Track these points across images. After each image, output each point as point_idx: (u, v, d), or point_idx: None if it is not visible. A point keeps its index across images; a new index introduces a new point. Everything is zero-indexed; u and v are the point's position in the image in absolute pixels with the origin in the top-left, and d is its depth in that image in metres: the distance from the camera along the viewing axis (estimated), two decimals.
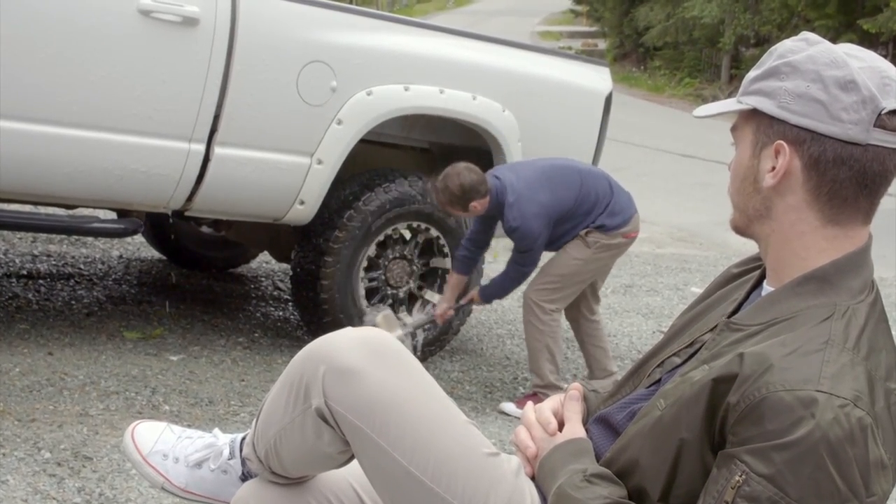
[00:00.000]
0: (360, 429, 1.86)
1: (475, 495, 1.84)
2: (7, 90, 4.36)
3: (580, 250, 5.19)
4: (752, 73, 1.79)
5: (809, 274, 1.74)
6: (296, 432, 1.96)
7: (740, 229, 1.85)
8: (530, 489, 1.89)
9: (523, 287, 5.37)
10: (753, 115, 1.76)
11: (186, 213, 5.09)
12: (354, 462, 2.00)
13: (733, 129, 1.82)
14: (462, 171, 4.93)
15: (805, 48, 1.73)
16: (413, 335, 5.45)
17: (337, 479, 2.11)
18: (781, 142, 1.70)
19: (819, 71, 1.68)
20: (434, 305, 5.53)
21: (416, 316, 5.50)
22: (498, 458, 1.91)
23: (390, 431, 1.85)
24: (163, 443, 2.19)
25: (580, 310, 5.53)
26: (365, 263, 5.41)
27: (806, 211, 1.73)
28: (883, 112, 1.65)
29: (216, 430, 2.23)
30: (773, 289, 1.80)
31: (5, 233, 6.86)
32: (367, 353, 1.91)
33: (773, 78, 1.72)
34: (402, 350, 1.96)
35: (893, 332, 1.75)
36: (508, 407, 5.15)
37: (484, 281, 5.65)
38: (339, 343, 1.94)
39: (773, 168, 1.72)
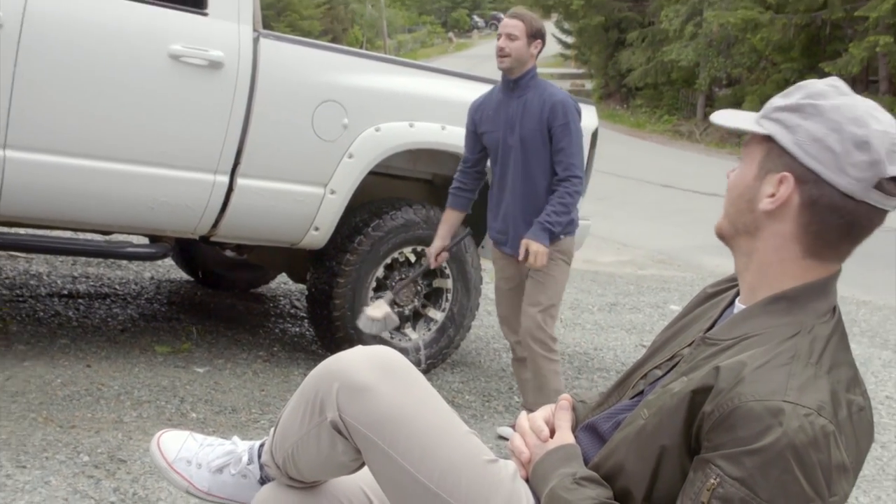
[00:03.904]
0: (372, 440, 1.86)
1: (477, 499, 1.84)
2: (51, 127, 4.38)
3: (564, 268, 4.77)
4: (777, 102, 1.76)
5: (780, 294, 1.74)
6: (312, 443, 1.96)
7: (725, 237, 1.83)
8: (526, 492, 1.89)
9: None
10: (768, 139, 1.74)
11: (212, 239, 5.09)
12: (365, 468, 2.00)
13: (745, 146, 1.80)
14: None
15: (834, 95, 1.71)
16: (393, 304, 5.24)
17: (349, 484, 2.10)
18: (788, 174, 1.69)
19: (841, 123, 1.66)
20: (423, 264, 5.27)
21: (397, 286, 5.36)
22: (496, 464, 1.91)
23: (399, 443, 1.85)
24: (186, 450, 2.19)
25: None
26: (374, 284, 5.41)
27: (791, 241, 1.72)
28: (884, 177, 1.64)
29: (235, 438, 2.23)
30: (745, 306, 1.80)
31: (48, 256, 6.87)
32: (377, 370, 1.91)
33: (798, 114, 1.70)
34: (408, 366, 1.96)
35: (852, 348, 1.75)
36: (505, 431, 4.89)
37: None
38: (351, 361, 1.94)
39: (773, 195, 1.71)
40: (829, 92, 1.71)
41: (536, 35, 4.65)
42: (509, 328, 5.00)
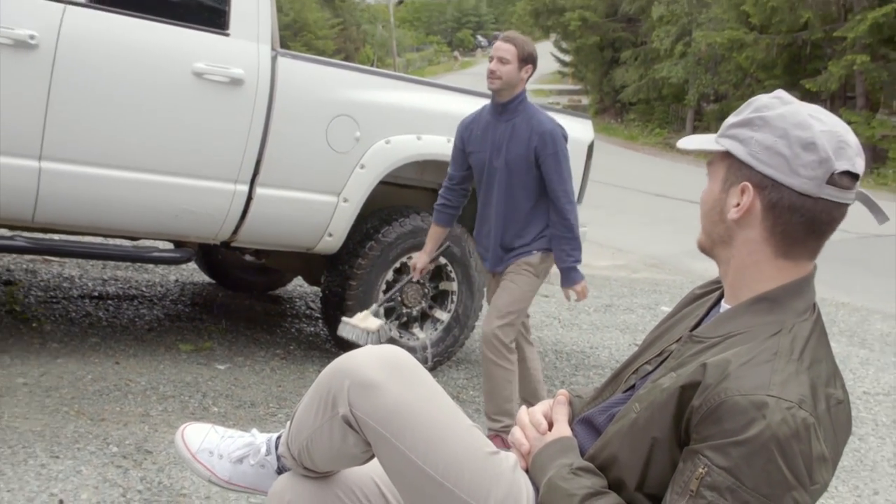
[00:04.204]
0: (381, 434, 1.86)
1: (479, 488, 1.83)
2: (83, 140, 4.39)
3: (530, 280, 4.55)
4: (731, 119, 1.79)
5: (762, 295, 1.74)
6: (325, 436, 1.96)
7: (705, 249, 1.85)
8: (525, 482, 1.89)
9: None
10: (727, 155, 1.76)
11: (232, 244, 5.09)
12: (375, 459, 2.00)
13: (709, 164, 1.83)
14: (534, 44, 4.63)
15: (778, 106, 1.73)
16: (378, 314, 5.09)
17: (360, 474, 2.10)
18: (747, 183, 1.71)
19: (787, 129, 1.68)
20: (405, 277, 5.17)
21: (381, 298, 5.27)
22: (497, 456, 1.90)
23: (407, 436, 1.84)
24: (208, 442, 2.19)
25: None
26: (384, 286, 5.41)
27: (762, 244, 1.73)
28: (835, 172, 1.66)
29: (254, 430, 2.23)
30: (730, 307, 1.80)
31: (80, 260, 6.87)
32: (386, 368, 1.91)
33: (748, 128, 1.73)
34: (415, 365, 1.96)
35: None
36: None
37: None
38: (361, 360, 1.94)
39: (738, 204, 1.73)
40: (773, 103, 1.74)
41: (527, 60, 4.46)
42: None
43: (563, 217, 4.46)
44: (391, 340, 5.18)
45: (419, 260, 4.89)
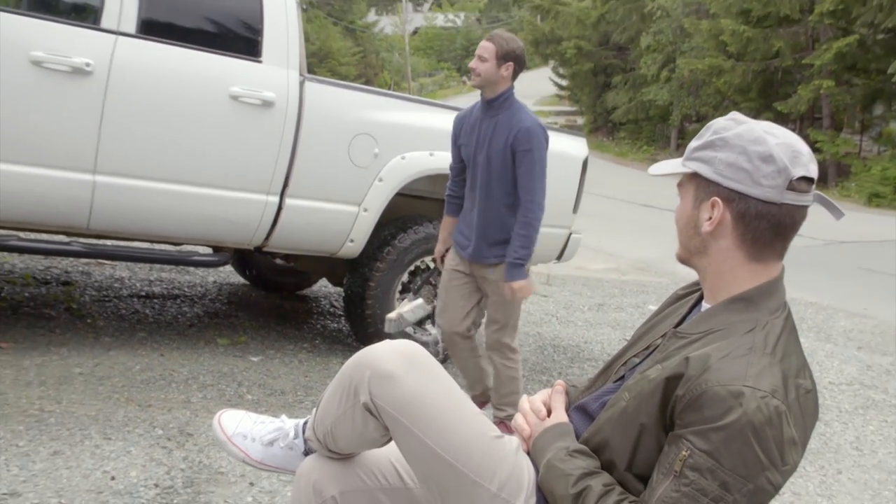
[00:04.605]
0: (398, 419, 1.86)
1: (486, 468, 1.84)
2: (132, 156, 4.40)
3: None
4: (693, 144, 1.80)
5: (738, 296, 1.75)
6: (347, 421, 1.96)
7: (683, 260, 1.86)
8: (527, 463, 1.89)
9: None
10: (695, 176, 1.77)
11: (264, 249, 5.10)
12: (392, 442, 2.01)
13: (679, 185, 1.84)
14: (521, 42, 4.23)
15: (734, 126, 1.74)
16: (414, 310, 4.86)
17: (378, 456, 2.10)
18: (717, 198, 1.72)
19: (745, 146, 1.69)
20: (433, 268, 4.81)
21: (413, 298, 5.11)
22: (502, 439, 1.90)
23: (421, 422, 1.84)
24: (242, 427, 2.19)
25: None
26: (400, 287, 5.40)
27: (734, 251, 1.74)
28: (793, 179, 1.67)
29: (283, 416, 2.23)
30: (709, 306, 1.81)
31: (129, 263, 6.89)
32: (403, 360, 1.91)
33: (710, 149, 1.74)
34: (429, 358, 1.96)
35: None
36: None
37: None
38: (380, 353, 1.94)
39: (710, 218, 1.74)
40: (729, 125, 1.75)
41: (507, 57, 4.11)
42: (445, 321, 4.46)
43: (524, 214, 4.09)
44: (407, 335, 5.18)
45: (437, 249, 4.65)
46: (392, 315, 4.84)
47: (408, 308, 4.86)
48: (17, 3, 4.38)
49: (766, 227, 1.70)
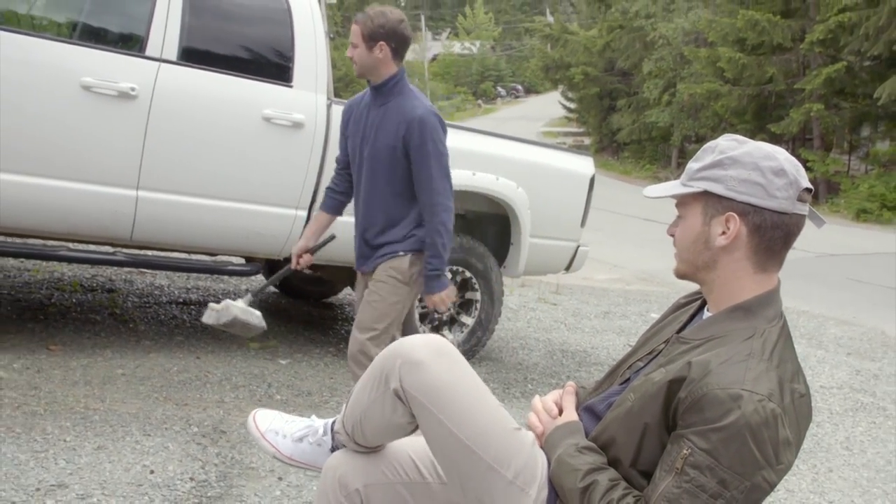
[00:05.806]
0: (425, 406, 1.87)
1: (503, 457, 1.84)
2: (173, 173, 4.44)
3: (396, 288, 3.54)
4: (695, 165, 1.77)
5: (738, 305, 1.74)
6: (378, 408, 1.97)
7: (686, 276, 1.84)
8: (541, 456, 1.89)
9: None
10: (702, 194, 1.75)
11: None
12: (412, 437, 2.01)
13: (680, 205, 1.82)
14: (395, 14, 3.41)
15: (738, 146, 1.74)
16: (255, 296, 4.07)
17: (399, 451, 2.10)
18: (732, 213, 1.71)
19: (757, 163, 1.69)
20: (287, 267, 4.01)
21: (255, 287, 4.51)
22: (520, 431, 1.91)
23: (445, 408, 1.85)
24: (275, 424, 2.20)
25: None
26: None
27: (745, 262, 1.74)
28: (802, 189, 1.69)
29: (313, 416, 2.24)
30: (711, 314, 1.80)
31: (168, 272, 6.91)
32: (431, 351, 1.92)
33: (718, 168, 1.72)
34: (455, 351, 1.96)
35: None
36: None
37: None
38: (412, 343, 1.96)
39: (724, 232, 1.72)
40: (733, 145, 1.75)
41: (375, 37, 3.37)
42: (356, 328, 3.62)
43: (429, 219, 3.42)
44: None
45: (297, 245, 3.85)
46: (218, 306, 3.88)
47: (241, 307, 3.94)
48: (69, 34, 4.42)
49: (780, 235, 1.70)
